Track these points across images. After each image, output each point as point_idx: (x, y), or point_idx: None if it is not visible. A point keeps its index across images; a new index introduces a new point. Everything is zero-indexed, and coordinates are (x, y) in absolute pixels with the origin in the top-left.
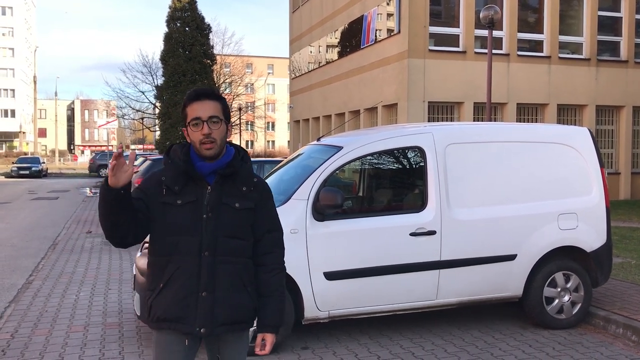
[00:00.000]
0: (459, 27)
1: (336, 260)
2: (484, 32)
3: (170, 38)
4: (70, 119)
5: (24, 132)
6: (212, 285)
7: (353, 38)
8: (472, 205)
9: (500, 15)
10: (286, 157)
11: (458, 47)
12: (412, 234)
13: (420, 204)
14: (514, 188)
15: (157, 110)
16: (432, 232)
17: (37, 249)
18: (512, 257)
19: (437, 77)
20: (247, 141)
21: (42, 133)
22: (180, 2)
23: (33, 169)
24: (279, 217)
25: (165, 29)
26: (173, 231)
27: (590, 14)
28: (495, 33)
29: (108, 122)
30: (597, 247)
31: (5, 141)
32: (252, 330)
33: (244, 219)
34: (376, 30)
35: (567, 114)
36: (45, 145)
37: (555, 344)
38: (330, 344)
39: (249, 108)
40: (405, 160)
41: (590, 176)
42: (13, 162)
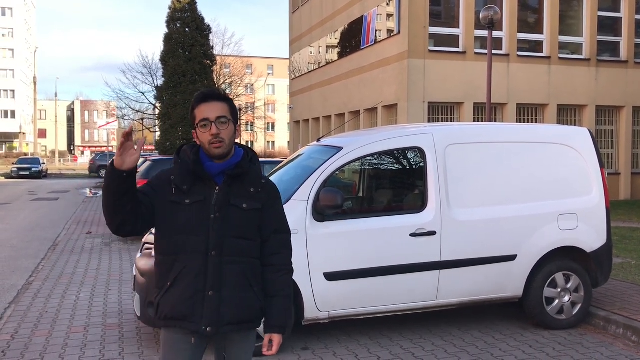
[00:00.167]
0: (458, 28)
1: (336, 261)
2: (484, 33)
3: (170, 39)
4: (70, 120)
5: (24, 133)
6: (218, 285)
7: (353, 39)
8: (472, 205)
9: (500, 16)
10: (286, 158)
11: (458, 47)
12: (412, 235)
13: (420, 204)
14: (514, 188)
15: (157, 111)
16: (432, 233)
17: (37, 249)
18: (512, 258)
19: (437, 78)
20: (247, 142)
21: (42, 134)
22: (180, 3)
23: (33, 169)
24: None
25: (165, 30)
26: (181, 230)
27: (590, 14)
28: (495, 33)
29: (108, 123)
30: (597, 247)
31: (5, 142)
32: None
33: (251, 219)
34: (376, 30)
35: (567, 114)
36: (45, 146)
37: (555, 344)
38: (331, 344)
39: (249, 109)
40: (405, 161)
41: (590, 176)
42: (13, 163)
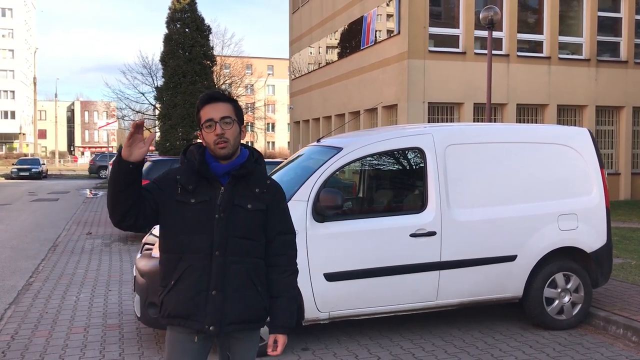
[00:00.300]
0: (458, 28)
1: (336, 262)
2: (484, 33)
3: (170, 39)
4: (70, 121)
5: (24, 134)
6: (222, 284)
7: (353, 39)
8: (472, 206)
9: (500, 16)
10: (286, 159)
11: (458, 47)
12: (412, 235)
13: (420, 205)
14: (514, 189)
15: (157, 112)
16: (432, 233)
17: (37, 250)
18: (512, 258)
19: (437, 78)
20: (247, 142)
21: (42, 134)
22: (180, 4)
23: (33, 170)
24: None
25: (165, 30)
26: (185, 229)
27: (590, 14)
28: (495, 34)
29: (108, 124)
30: (597, 247)
31: (5, 142)
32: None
33: (255, 220)
34: (376, 31)
35: (567, 114)
36: (45, 147)
37: (555, 344)
38: (331, 345)
39: (249, 109)
40: (405, 161)
41: (590, 177)
42: (13, 164)
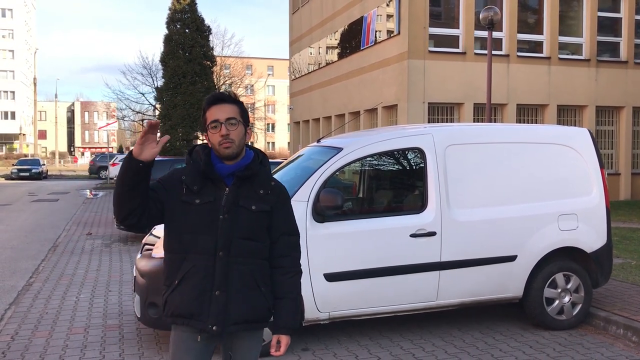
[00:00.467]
0: (458, 28)
1: (336, 262)
2: (484, 33)
3: (170, 40)
4: (70, 121)
5: (24, 134)
6: (225, 285)
7: (353, 39)
8: (472, 206)
9: (500, 16)
10: (286, 159)
11: (458, 48)
12: (413, 235)
13: (420, 205)
14: (514, 189)
15: (157, 112)
16: (433, 233)
17: (37, 250)
18: (512, 258)
19: (437, 78)
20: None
21: (42, 135)
22: (180, 4)
23: (33, 170)
24: None
25: (165, 31)
26: (190, 230)
27: (590, 14)
28: (495, 34)
29: (108, 124)
30: (598, 247)
31: (6, 143)
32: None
33: (259, 221)
34: (376, 31)
35: (567, 114)
36: (46, 147)
37: (555, 344)
38: (331, 345)
39: (249, 109)
40: (405, 162)
41: (591, 177)
42: (13, 164)
